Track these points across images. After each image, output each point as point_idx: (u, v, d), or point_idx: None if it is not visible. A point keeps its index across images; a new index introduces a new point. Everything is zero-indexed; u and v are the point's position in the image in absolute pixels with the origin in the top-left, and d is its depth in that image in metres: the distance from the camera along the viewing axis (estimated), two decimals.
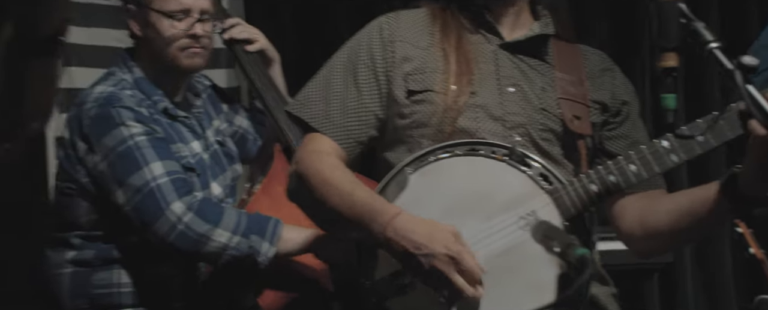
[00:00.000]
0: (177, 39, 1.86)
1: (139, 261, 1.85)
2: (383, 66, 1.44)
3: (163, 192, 1.74)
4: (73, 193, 1.84)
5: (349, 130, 1.44)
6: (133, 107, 1.81)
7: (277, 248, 1.78)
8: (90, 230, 1.84)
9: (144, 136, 1.78)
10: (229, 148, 2.05)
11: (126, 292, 1.84)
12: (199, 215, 1.75)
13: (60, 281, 1.85)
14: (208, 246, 1.75)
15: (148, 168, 1.76)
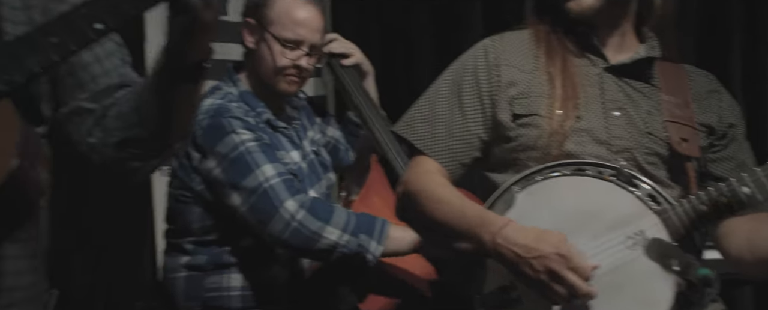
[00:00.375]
0: (283, 67, 1.97)
1: (248, 266, 1.96)
2: (488, 90, 1.48)
3: (276, 191, 1.85)
4: (188, 200, 1.95)
5: (453, 152, 1.50)
6: (241, 117, 1.92)
7: (384, 247, 1.87)
8: (202, 235, 1.95)
9: (254, 142, 1.89)
10: (323, 157, 2.15)
11: (235, 295, 1.95)
12: (311, 213, 1.84)
13: (175, 284, 1.97)
14: (319, 243, 1.84)
15: (260, 170, 1.86)
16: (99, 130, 1.21)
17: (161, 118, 1.17)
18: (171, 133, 1.21)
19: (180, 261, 1.97)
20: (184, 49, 1.10)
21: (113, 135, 1.19)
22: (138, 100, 1.18)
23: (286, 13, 1.97)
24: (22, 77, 1.03)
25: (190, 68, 1.13)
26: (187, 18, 1.06)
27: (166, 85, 1.14)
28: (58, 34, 1.04)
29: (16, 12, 1.18)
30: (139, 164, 1.22)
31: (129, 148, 1.19)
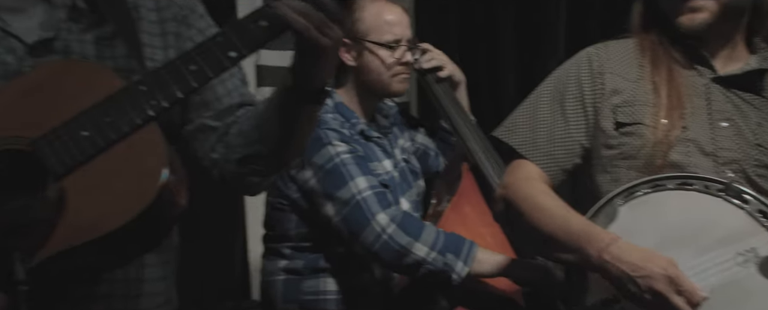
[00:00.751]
0: (393, 67, 2.03)
1: (343, 271, 2.01)
2: (591, 97, 1.49)
3: (369, 204, 1.90)
4: (284, 208, 2.02)
5: (555, 157, 1.51)
6: (337, 129, 1.97)
7: (470, 269, 1.89)
8: (299, 241, 2.02)
9: (348, 154, 1.94)
10: (413, 164, 2.19)
11: (331, 299, 2.00)
12: (402, 228, 1.89)
13: (274, 287, 2.04)
14: (408, 258, 1.88)
15: (353, 182, 1.91)
16: (222, 146, 1.27)
17: (282, 137, 1.23)
18: (290, 151, 1.26)
19: (278, 265, 2.04)
20: (310, 74, 1.16)
21: (235, 152, 1.26)
22: (259, 118, 1.24)
23: (377, 19, 2.03)
24: (167, 102, 1.10)
25: (314, 91, 1.18)
26: (312, 45, 1.12)
27: (290, 106, 1.20)
28: (197, 62, 1.11)
29: (155, 38, 1.26)
30: (258, 179, 1.28)
31: (250, 164, 1.25)
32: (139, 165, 1.08)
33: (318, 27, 1.10)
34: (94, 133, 1.08)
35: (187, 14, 1.30)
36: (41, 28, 1.18)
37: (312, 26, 1.09)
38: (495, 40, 3.24)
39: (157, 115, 1.11)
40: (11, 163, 1.07)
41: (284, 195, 2.01)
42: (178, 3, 1.30)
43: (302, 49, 1.14)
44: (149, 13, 1.27)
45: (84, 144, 1.07)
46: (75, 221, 1.05)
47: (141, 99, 1.10)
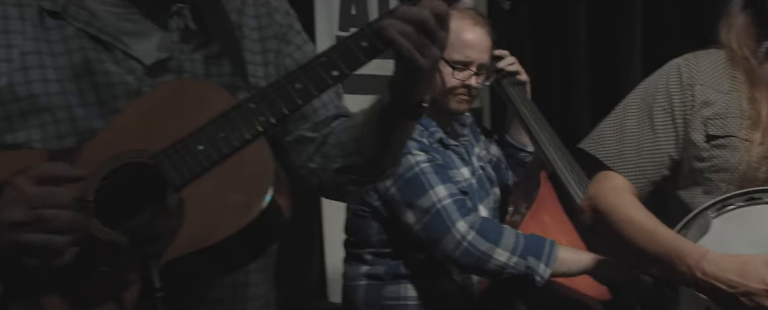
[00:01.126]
0: (453, 88, 2.06)
1: (424, 277, 2.06)
2: (681, 109, 1.49)
3: (448, 212, 1.94)
4: (366, 215, 2.08)
5: (643, 169, 1.52)
6: (416, 138, 2.02)
7: (552, 269, 1.91)
8: (380, 247, 2.07)
9: (427, 163, 1.99)
10: (489, 172, 2.22)
11: (412, 304, 2.05)
12: (481, 234, 1.93)
13: (355, 292, 2.10)
14: (489, 264, 1.92)
15: (433, 191, 1.96)
16: (319, 156, 1.34)
17: (378, 148, 1.29)
18: (386, 161, 1.32)
19: (360, 270, 2.10)
20: (407, 90, 1.22)
21: (333, 162, 1.32)
22: (357, 130, 1.30)
23: (455, 36, 2.04)
24: (274, 119, 1.18)
25: (411, 106, 1.24)
26: (412, 65, 1.17)
27: (388, 119, 1.25)
28: (302, 81, 1.18)
29: (256, 55, 1.34)
30: (354, 188, 1.35)
31: (347, 174, 1.32)
32: (249, 178, 1.16)
33: (420, 48, 1.15)
34: (209, 148, 1.16)
35: (286, 31, 1.38)
36: (158, 49, 1.27)
37: (414, 47, 1.15)
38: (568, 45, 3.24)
39: (265, 131, 1.18)
40: (134, 175, 1.15)
41: (365, 202, 2.07)
42: (278, 21, 1.37)
43: (402, 68, 1.19)
44: (251, 32, 1.35)
45: (200, 158, 1.15)
46: (191, 230, 1.13)
47: (251, 116, 1.17)
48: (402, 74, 1.20)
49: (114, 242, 1.03)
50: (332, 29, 3.15)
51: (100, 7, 1.25)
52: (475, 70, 2.07)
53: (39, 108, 1.19)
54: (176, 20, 1.28)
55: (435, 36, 1.15)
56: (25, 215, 1.06)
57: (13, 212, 1.06)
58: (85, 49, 1.23)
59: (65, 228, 1.07)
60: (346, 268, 2.15)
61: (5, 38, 1.20)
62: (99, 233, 1.10)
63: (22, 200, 1.06)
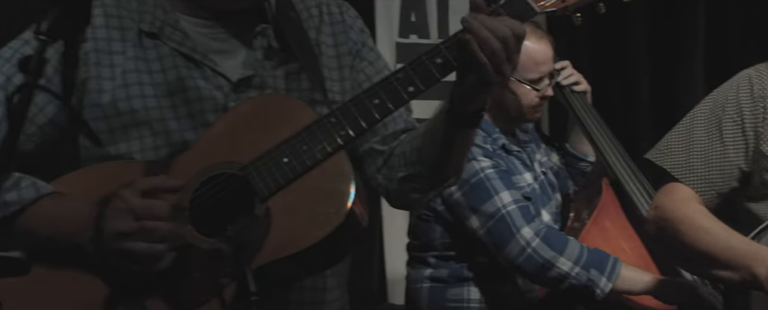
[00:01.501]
0: (533, 101, 2.11)
1: (486, 280, 2.10)
2: (752, 121, 1.50)
3: (513, 218, 1.98)
4: (429, 219, 2.13)
5: (711, 181, 1.53)
6: (480, 145, 2.06)
7: (613, 285, 1.94)
8: (444, 251, 2.12)
9: (492, 169, 2.03)
10: (551, 178, 2.25)
11: (475, 307, 2.09)
12: (546, 242, 1.96)
13: (419, 294, 2.15)
14: (551, 272, 1.95)
15: (498, 197, 2.00)
16: (386, 168, 1.41)
17: (440, 157, 1.34)
18: (448, 170, 1.38)
19: (423, 273, 2.15)
20: (469, 100, 1.27)
21: (398, 172, 1.38)
22: (420, 141, 1.36)
23: (525, 56, 2.03)
24: (353, 132, 1.25)
25: (472, 115, 1.29)
26: (477, 79, 1.23)
27: (449, 128, 1.31)
28: (380, 96, 1.25)
29: (333, 71, 1.41)
30: (418, 196, 1.41)
31: (411, 182, 1.38)
32: (331, 189, 1.23)
33: (497, 65, 1.20)
34: (293, 160, 1.23)
35: (360, 48, 1.45)
36: (243, 67, 1.36)
37: (492, 64, 1.20)
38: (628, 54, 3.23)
39: (345, 144, 1.25)
40: (225, 185, 1.24)
41: (429, 207, 2.11)
42: (353, 38, 1.45)
43: (471, 79, 1.24)
44: (328, 49, 1.42)
45: (285, 169, 1.23)
46: (278, 238, 1.21)
47: (331, 130, 1.25)
48: (469, 85, 1.25)
49: (217, 250, 1.11)
50: (392, 36, 3.21)
51: (192, 28, 1.34)
52: (548, 81, 2.12)
53: (138, 122, 1.29)
54: (260, 39, 1.36)
55: (513, 55, 1.20)
56: (130, 226, 1.15)
57: (120, 222, 1.15)
58: (178, 67, 1.32)
59: (165, 238, 1.16)
60: (410, 271, 2.20)
61: (109, 59, 1.30)
62: (198, 242, 1.19)
63: (128, 211, 1.15)
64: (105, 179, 1.23)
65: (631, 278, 1.94)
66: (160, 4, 1.34)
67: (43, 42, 0.97)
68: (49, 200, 1.20)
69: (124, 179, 1.21)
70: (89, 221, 1.16)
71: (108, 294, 1.19)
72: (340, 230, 1.21)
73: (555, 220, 2.19)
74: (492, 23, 1.20)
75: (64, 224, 1.18)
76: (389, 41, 3.20)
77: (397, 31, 3.21)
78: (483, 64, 1.21)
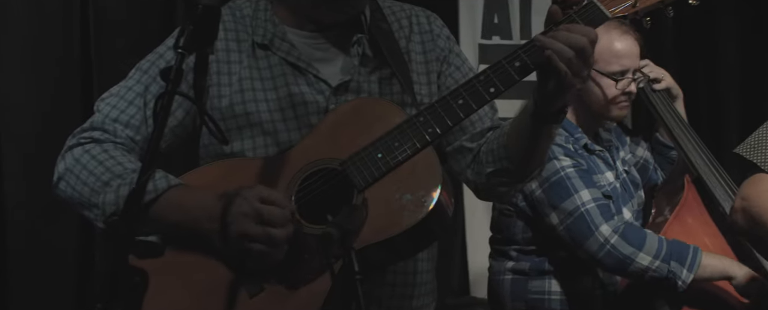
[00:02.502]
0: (615, 98, 2.16)
1: (567, 273, 2.16)
2: None
3: (592, 216, 2.04)
4: (511, 214, 2.21)
5: None
6: (562, 144, 2.13)
7: (695, 275, 1.98)
8: (525, 245, 2.20)
9: (572, 169, 2.09)
10: (634, 176, 2.29)
11: (555, 299, 2.17)
12: (624, 238, 2.01)
13: (501, 286, 2.24)
14: (631, 267, 2.01)
15: (577, 195, 2.06)
16: (475, 164, 1.53)
17: (525, 153, 1.46)
18: (532, 164, 1.49)
19: (505, 265, 2.23)
20: (551, 101, 1.38)
21: (486, 167, 1.50)
22: (506, 139, 1.48)
23: (607, 49, 2.13)
24: (440, 130, 1.38)
25: (555, 114, 1.40)
26: (557, 83, 1.33)
27: (533, 127, 1.42)
28: (464, 97, 1.38)
29: (421, 76, 1.55)
30: (505, 190, 1.52)
31: (499, 177, 1.50)
32: (420, 181, 1.37)
33: (575, 71, 1.31)
34: (386, 155, 1.37)
35: (447, 54, 1.58)
36: (341, 73, 1.51)
37: (571, 70, 1.30)
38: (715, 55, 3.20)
39: (433, 141, 1.39)
40: (326, 179, 1.39)
41: (511, 202, 2.19)
42: (440, 46, 1.58)
43: (552, 83, 1.35)
44: (418, 56, 1.56)
45: (379, 164, 1.37)
46: (373, 225, 1.35)
47: (420, 128, 1.38)
48: (548, 88, 1.36)
49: (327, 234, 1.26)
50: (475, 37, 3.30)
51: (297, 40, 1.50)
52: (631, 77, 2.15)
53: (251, 123, 1.45)
54: (356, 48, 1.51)
55: (590, 60, 1.30)
56: (255, 230, 1.29)
57: (246, 225, 1.30)
58: (285, 74, 1.48)
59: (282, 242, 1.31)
60: (492, 263, 2.29)
61: (227, 68, 1.47)
62: (308, 229, 1.34)
63: (254, 216, 1.29)
64: (223, 174, 1.40)
65: (711, 265, 1.97)
66: (271, 19, 1.50)
67: (181, 54, 1.13)
68: (178, 191, 1.37)
69: (240, 173, 1.38)
70: (214, 213, 1.31)
71: (230, 275, 1.35)
72: (428, 217, 1.34)
73: (637, 217, 2.23)
74: (564, 35, 1.30)
75: (191, 213, 1.34)
76: (472, 42, 3.29)
77: (480, 33, 3.30)
78: (562, 72, 1.31)
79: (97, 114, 1.45)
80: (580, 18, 1.36)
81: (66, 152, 1.41)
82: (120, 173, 1.36)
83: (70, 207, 1.40)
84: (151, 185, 1.35)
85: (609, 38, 2.14)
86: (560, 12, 1.34)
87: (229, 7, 1.52)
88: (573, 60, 1.30)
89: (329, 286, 1.30)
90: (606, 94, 2.15)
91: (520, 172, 1.49)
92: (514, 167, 1.47)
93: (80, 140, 1.42)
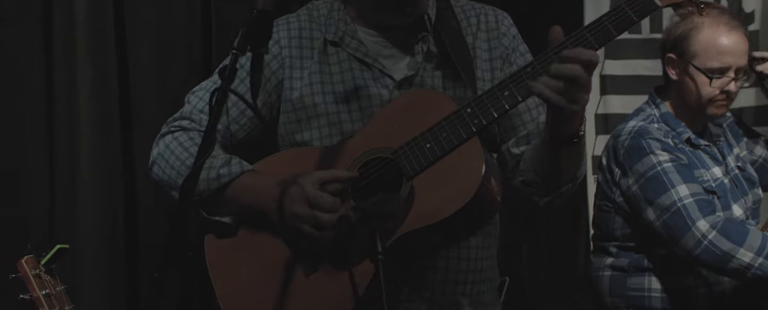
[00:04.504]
0: (712, 93, 2.08)
1: (667, 271, 2.11)
2: None
3: (689, 211, 1.98)
4: (609, 210, 2.19)
5: None
6: (660, 139, 2.08)
7: None
8: (624, 241, 2.17)
9: (670, 163, 2.04)
10: (749, 173, 2.18)
11: (655, 297, 2.12)
12: (723, 234, 1.95)
13: (601, 282, 2.22)
14: (731, 263, 1.94)
15: (674, 190, 2.01)
16: (517, 170, 1.58)
17: (549, 169, 1.50)
18: (560, 179, 1.52)
19: (605, 262, 2.21)
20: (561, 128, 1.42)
21: (520, 175, 1.56)
22: (534, 152, 1.53)
23: (711, 44, 2.06)
24: (485, 121, 1.45)
25: (566, 137, 1.43)
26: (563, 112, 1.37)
27: (551, 150, 1.47)
28: (510, 88, 1.44)
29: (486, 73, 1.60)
30: (537, 199, 1.57)
31: (530, 187, 1.55)
32: (465, 169, 1.44)
33: (570, 99, 1.34)
34: (434, 145, 1.46)
35: (510, 53, 1.63)
36: (407, 68, 1.61)
37: (565, 99, 1.33)
38: None
39: (478, 131, 1.46)
40: (381, 166, 1.50)
41: (609, 198, 2.18)
42: (504, 44, 1.63)
43: (553, 113, 1.39)
44: (483, 53, 1.63)
45: (427, 153, 1.46)
46: (421, 210, 1.44)
47: (467, 119, 1.46)
48: (554, 118, 1.40)
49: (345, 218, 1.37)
50: None
51: (366, 38, 1.62)
52: (733, 76, 2.06)
53: (318, 114, 1.59)
54: (421, 45, 1.61)
55: (586, 86, 1.33)
56: (304, 211, 1.43)
57: (297, 206, 1.44)
58: (353, 70, 1.61)
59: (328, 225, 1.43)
60: (593, 259, 2.28)
61: (300, 63, 1.62)
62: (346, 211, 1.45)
63: (305, 199, 1.43)
64: (291, 161, 1.56)
65: None
66: (343, 18, 1.63)
67: (235, 54, 1.29)
68: (250, 175, 1.53)
69: (304, 161, 1.53)
70: (275, 196, 1.46)
71: (290, 255, 1.49)
72: (471, 205, 1.41)
73: (751, 215, 2.14)
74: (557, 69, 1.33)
75: (258, 196, 1.49)
76: None
77: None
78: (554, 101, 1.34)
79: (186, 105, 1.64)
80: (630, 7, 1.37)
81: (159, 139, 1.62)
82: None
83: (161, 189, 1.61)
84: (226, 170, 1.53)
85: (715, 33, 2.07)
86: (562, 36, 1.37)
87: (307, 8, 1.66)
88: (563, 89, 1.33)
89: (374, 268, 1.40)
90: (701, 93, 2.08)
91: (547, 186, 1.53)
92: (542, 181, 1.52)
93: (171, 129, 1.62)
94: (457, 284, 1.57)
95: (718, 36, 2.06)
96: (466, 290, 1.58)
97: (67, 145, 2.33)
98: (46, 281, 1.48)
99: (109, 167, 2.37)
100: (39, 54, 2.34)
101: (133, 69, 2.43)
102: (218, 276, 1.52)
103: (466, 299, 1.58)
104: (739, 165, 2.17)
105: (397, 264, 1.46)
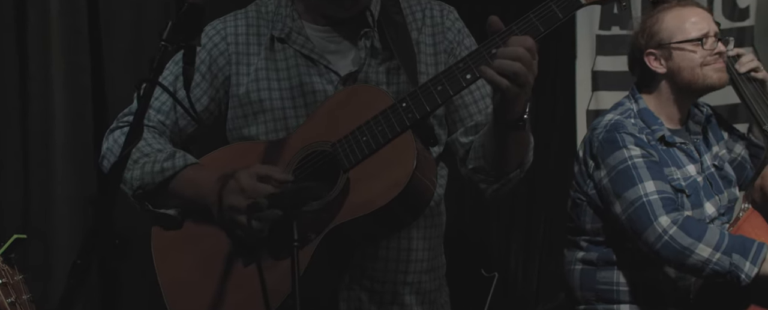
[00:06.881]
0: (705, 58, 2.09)
1: (634, 265, 2.12)
2: None
3: (653, 207, 2.00)
4: (582, 202, 2.20)
5: None
6: (634, 134, 2.09)
7: (759, 269, 1.88)
8: (594, 235, 2.19)
9: (641, 159, 2.05)
10: (727, 172, 2.18)
11: (623, 291, 2.14)
12: (683, 230, 1.96)
13: (572, 276, 2.23)
14: (690, 259, 1.95)
15: (641, 185, 2.03)
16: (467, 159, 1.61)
17: (496, 155, 1.53)
18: (508, 166, 1.55)
19: (576, 255, 2.23)
20: (506, 112, 1.45)
21: (470, 162, 1.59)
22: (483, 138, 1.55)
23: (680, 20, 2.10)
24: (418, 115, 1.49)
25: (513, 121, 1.46)
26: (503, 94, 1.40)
27: (499, 134, 1.50)
28: (442, 83, 1.47)
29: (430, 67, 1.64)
30: (485, 187, 1.60)
31: (478, 174, 1.58)
32: (398, 161, 1.48)
33: (518, 84, 1.37)
34: (370, 139, 1.51)
35: (454, 47, 1.66)
36: (351, 64, 1.65)
37: (512, 85, 1.37)
38: None
39: (412, 125, 1.49)
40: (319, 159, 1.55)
41: (582, 190, 2.19)
42: (449, 39, 1.67)
43: (499, 96, 1.42)
44: (427, 47, 1.66)
45: (363, 146, 1.50)
46: (356, 200, 1.49)
47: (402, 113, 1.49)
48: (500, 100, 1.43)
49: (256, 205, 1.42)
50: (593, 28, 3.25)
51: (313, 33, 1.67)
52: (715, 38, 2.09)
53: (264, 109, 1.64)
54: (364, 41, 1.65)
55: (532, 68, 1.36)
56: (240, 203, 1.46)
57: (234, 198, 1.48)
58: (299, 65, 1.66)
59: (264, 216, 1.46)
60: (565, 252, 2.29)
61: (247, 59, 1.67)
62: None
63: (241, 191, 1.47)
64: (234, 155, 1.61)
65: None
66: (290, 15, 1.67)
67: (164, 46, 1.33)
68: (193, 169, 1.58)
69: (247, 155, 1.58)
70: (215, 189, 1.51)
71: (230, 246, 1.54)
72: (402, 197, 1.45)
73: (724, 213, 2.14)
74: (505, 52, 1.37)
75: (200, 189, 1.54)
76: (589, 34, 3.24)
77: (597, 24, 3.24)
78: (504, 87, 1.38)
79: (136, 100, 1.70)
80: (556, 4, 1.40)
81: (108, 134, 1.69)
82: (147, 152, 1.61)
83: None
84: (170, 163, 1.58)
85: (677, 13, 2.11)
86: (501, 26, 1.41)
87: (256, 4, 1.71)
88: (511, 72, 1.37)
89: (309, 258, 1.45)
90: (694, 60, 2.10)
91: (495, 172, 1.56)
92: (490, 167, 1.55)
93: (119, 124, 1.69)
94: (397, 273, 1.61)
95: (681, 12, 2.11)
96: (406, 279, 1.62)
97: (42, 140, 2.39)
98: (4, 271, 1.54)
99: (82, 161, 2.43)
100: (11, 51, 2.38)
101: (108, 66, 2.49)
102: (162, 266, 1.58)
103: (407, 287, 1.62)
104: (715, 164, 2.17)
105: (337, 252, 1.49)
